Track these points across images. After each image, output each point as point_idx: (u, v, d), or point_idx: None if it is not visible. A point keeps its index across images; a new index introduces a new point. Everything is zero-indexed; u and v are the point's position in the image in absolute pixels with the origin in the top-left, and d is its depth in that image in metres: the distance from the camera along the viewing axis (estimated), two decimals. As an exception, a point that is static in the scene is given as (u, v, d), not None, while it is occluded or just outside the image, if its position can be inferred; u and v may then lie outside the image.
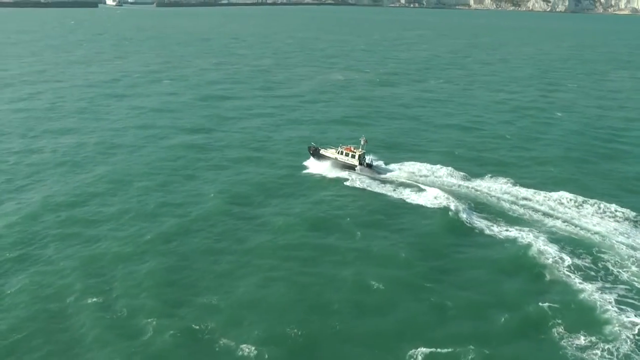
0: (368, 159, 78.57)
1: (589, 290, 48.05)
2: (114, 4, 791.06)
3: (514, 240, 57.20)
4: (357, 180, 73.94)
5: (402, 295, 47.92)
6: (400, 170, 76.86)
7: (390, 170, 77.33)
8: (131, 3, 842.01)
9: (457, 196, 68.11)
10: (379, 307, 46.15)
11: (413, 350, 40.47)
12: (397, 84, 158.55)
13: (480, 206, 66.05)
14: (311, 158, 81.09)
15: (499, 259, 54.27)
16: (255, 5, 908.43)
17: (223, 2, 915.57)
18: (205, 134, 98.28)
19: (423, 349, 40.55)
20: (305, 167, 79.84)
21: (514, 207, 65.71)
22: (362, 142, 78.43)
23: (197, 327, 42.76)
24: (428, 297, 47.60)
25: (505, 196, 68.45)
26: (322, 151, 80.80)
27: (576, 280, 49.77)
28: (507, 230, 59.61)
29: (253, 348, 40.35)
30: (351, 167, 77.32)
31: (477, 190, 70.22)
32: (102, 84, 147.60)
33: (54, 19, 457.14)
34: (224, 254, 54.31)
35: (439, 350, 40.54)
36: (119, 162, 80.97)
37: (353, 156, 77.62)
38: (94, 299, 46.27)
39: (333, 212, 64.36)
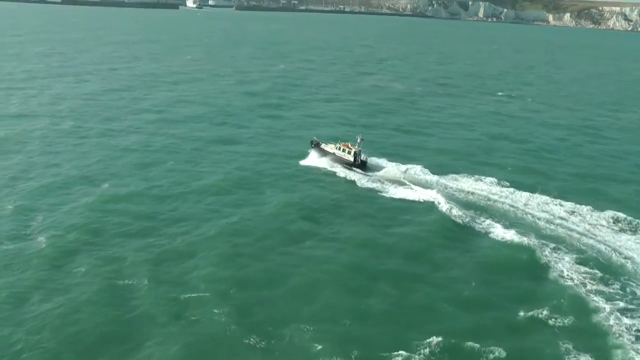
0: (363, 156, 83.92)
1: (608, 313, 47.87)
2: (194, 6, 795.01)
3: (533, 251, 58.29)
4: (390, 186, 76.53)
5: (423, 290, 51.35)
6: (395, 169, 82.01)
7: (383, 168, 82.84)
8: (211, 5, 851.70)
9: (475, 205, 70.86)
10: (400, 298, 49.71)
11: (420, 341, 43.05)
12: (460, 97, 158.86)
13: (512, 219, 67.02)
14: (312, 151, 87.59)
15: (517, 268, 55.70)
16: (332, 13, 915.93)
17: (301, 7, 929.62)
18: (269, 137, 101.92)
19: (436, 339, 43.16)
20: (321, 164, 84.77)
21: (550, 224, 65.93)
22: (358, 141, 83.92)
23: (249, 311, 46.30)
24: (444, 296, 50.34)
25: (543, 214, 68.62)
26: (323, 146, 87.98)
27: (595, 301, 49.74)
28: (533, 243, 60.03)
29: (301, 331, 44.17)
30: (347, 162, 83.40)
31: (512, 206, 70.72)
32: (179, 81, 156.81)
33: (137, 18, 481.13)
34: (282, 248, 57.94)
35: (450, 341, 43.07)
36: (189, 159, 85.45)
37: (349, 152, 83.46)
38: (154, 283, 49.76)
39: (355, 207, 69.29)
